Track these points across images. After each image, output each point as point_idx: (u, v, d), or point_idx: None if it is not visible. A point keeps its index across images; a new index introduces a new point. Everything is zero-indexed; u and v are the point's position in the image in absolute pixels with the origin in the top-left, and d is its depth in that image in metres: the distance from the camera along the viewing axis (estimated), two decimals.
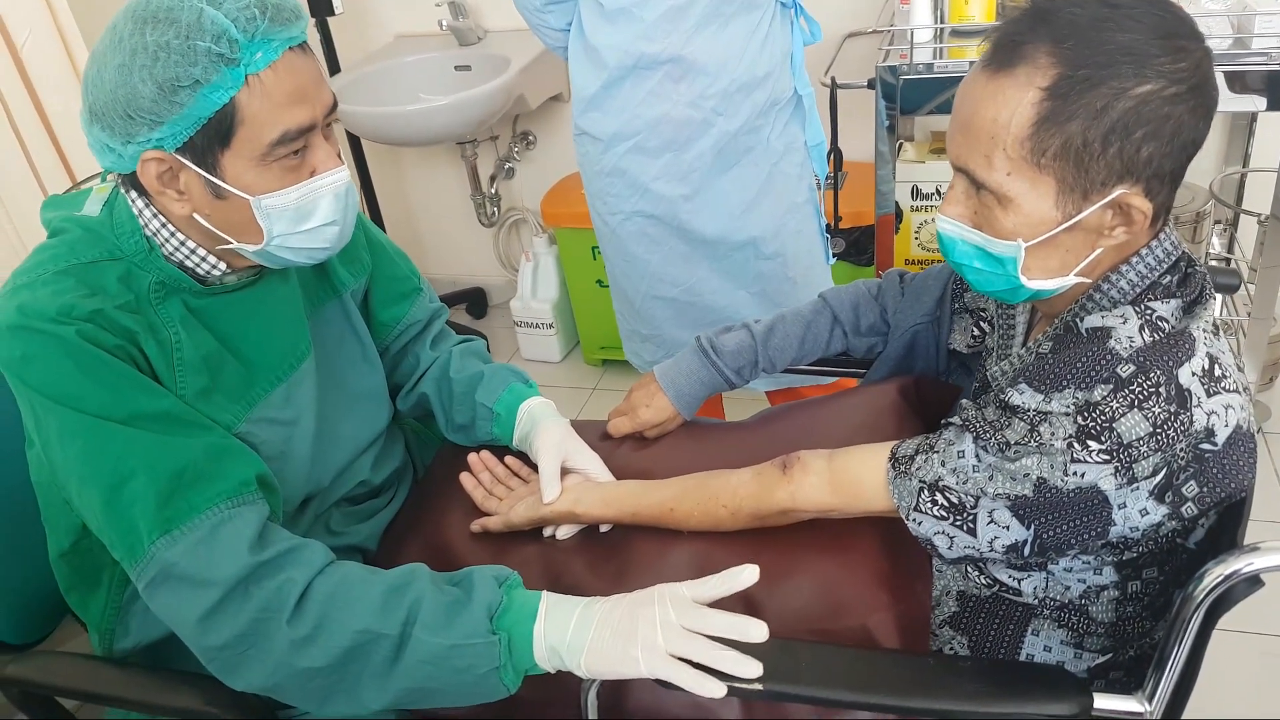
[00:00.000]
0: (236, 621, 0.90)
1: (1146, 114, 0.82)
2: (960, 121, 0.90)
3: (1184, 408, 0.83)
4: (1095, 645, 0.99)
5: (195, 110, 0.89)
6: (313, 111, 0.94)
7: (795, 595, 0.99)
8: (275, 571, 0.92)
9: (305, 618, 0.91)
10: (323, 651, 0.91)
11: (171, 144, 0.91)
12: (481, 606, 0.92)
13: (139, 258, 0.98)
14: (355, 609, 0.92)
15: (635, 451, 1.25)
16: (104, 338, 0.93)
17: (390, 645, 0.91)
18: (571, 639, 0.90)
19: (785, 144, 1.67)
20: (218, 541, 0.91)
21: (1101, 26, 0.82)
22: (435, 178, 2.97)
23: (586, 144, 1.68)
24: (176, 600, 0.91)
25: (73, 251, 0.97)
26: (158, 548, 0.90)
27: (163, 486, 0.91)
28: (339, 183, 0.99)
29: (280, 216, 0.96)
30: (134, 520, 0.90)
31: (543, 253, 2.77)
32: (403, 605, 0.92)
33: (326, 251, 1.03)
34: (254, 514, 0.95)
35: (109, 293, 0.95)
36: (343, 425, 1.17)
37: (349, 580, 0.95)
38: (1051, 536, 0.88)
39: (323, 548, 0.97)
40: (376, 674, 0.92)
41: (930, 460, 0.93)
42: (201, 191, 0.95)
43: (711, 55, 1.55)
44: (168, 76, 0.88)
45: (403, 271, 1.30)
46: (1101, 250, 0.90)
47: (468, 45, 2.61)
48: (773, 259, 1.73)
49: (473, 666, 0.91)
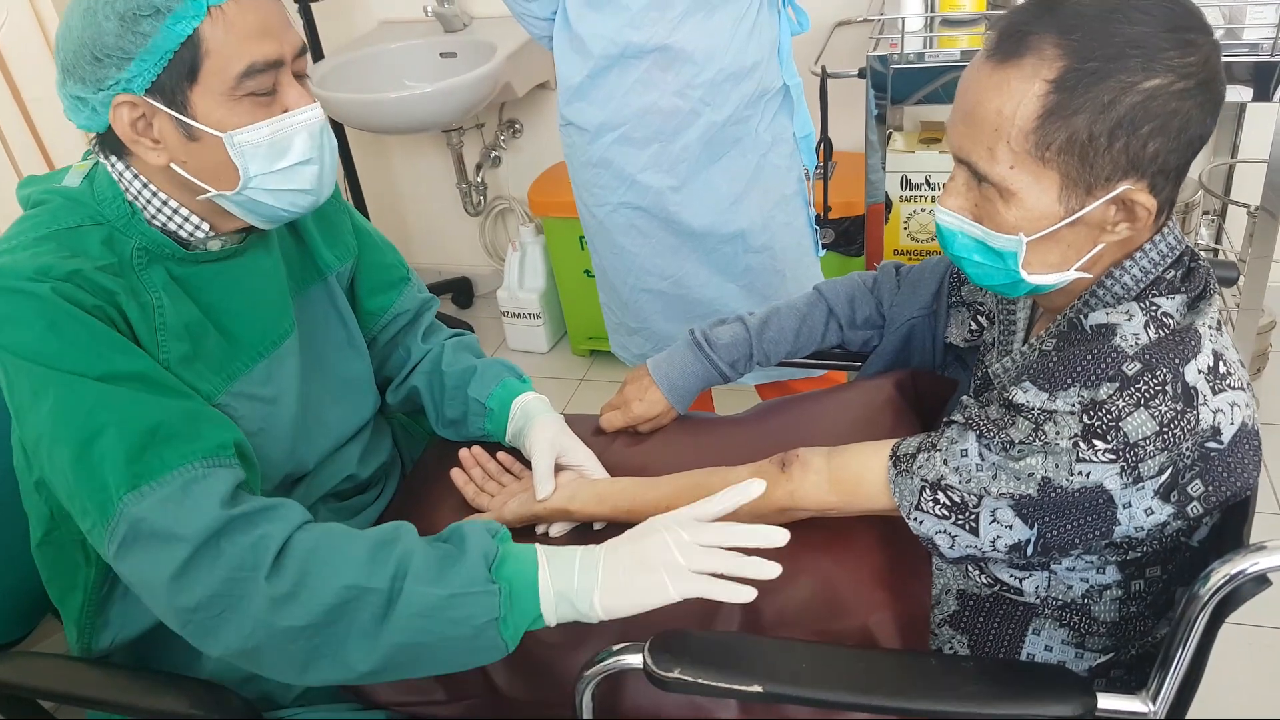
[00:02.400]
0: (210, 579, 0.86)
1: (1154, 109, 0.81)
2: (963, 112, 0.88)
3: (1190, 406, 0.82)
4: (1097, 645, 0.98)
5: (160, 43, 0.89)
6: (279, 47, 0.94)
7: (794, 595, 0.98)
8: (249, 527, 0.88)
9: (285, 574, 0.87)
10: (305, 609, 0.86)
11: (140, 85, 0.91)
12: (477, 555, 0.89)
13: (121, 222, 0.97)
14: (340, 564, 0.88)
15: (629, 447, 1.24)
16: (82, 297, 0.90)
17: (379, 600, 0.87)
18: (580, 582, 0.88)
19: (774, 135, 1.65)
20: (188, 498, 0.87)
21: (1109, 18, 0.81)
22: (420, 166, 2.94)
23: (573, 134, 1.66)
24: (147, 559, 0.87)
25: (54, 218, 0.96)
26: (126, 503, 0.86)
27: (134, 442, 0.87)
28: (313, 120, 0.98)
29: (255, 154, 0.95)
30: (104, 477, 0.87)
31: (529, 242, 2.75)
32: (391, 559, 0.89)
33: (309, 196, 1.00)
34: (228, 475, 0.91)
35: (90, 255, 0.94)
36: (327, 410, 1.15)
37: (331, 536, 0.91)
38: (1055, 536, 0.87)
39: (299, 506, 0.94)
40: (364, 632, 0.87)
41: (932, 459, 0.92)
42: (175, 136, 0.94)
43: (698, 44, 1.53)
44: (129, 8, 0.89)
45: (390, 260, 1.28)
46: (1103, 246, 0.88)
47: (453, 32, 2.58)
48: (761, 251, 1.71)
49: (470, 618, 0.87)
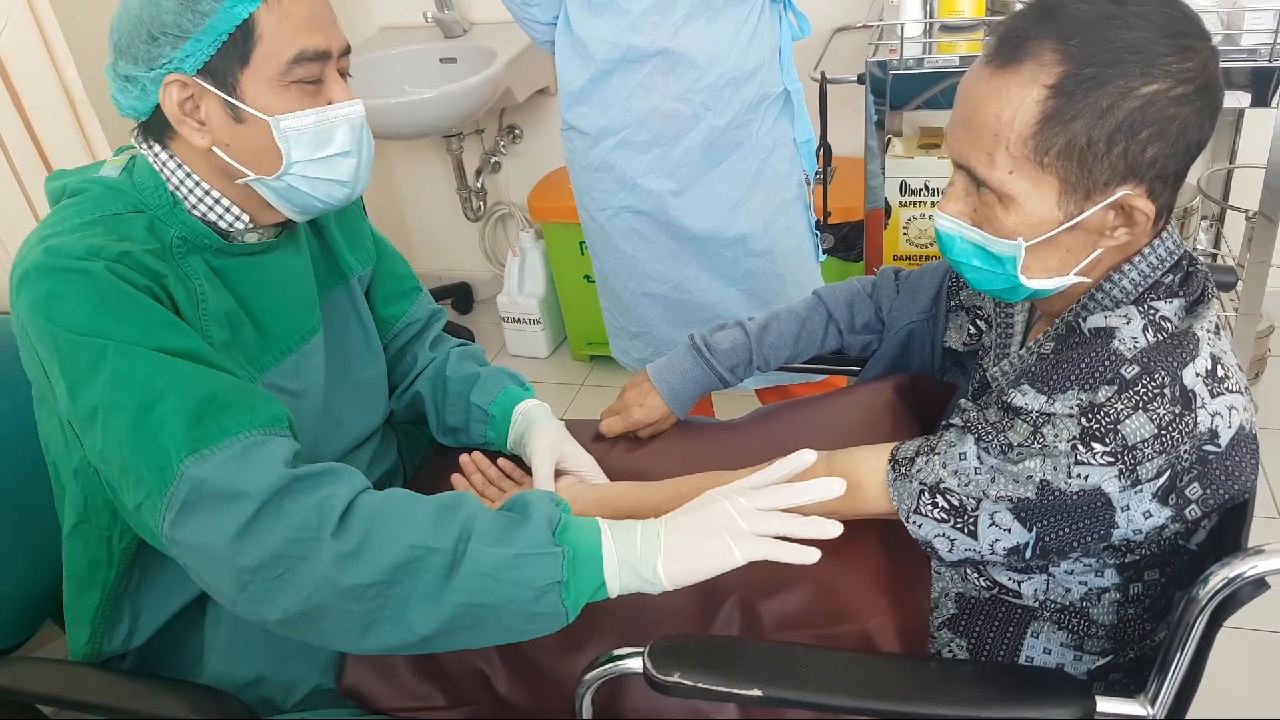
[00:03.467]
0: (273, 538, 0.85)
1: (1152, 114, 0.81)
2: (962, 118, 0.88)
3: (1188, 409, 0.82)
4: (1096, 647, 0.98)
5: (216, 24, 0.92)
6: (328, 40, 0.98)
7: (793, 599, 0.98)
8: (312, 488, 0.88)
9: (351, 531, 0.86)
10: (371, 567, 0.85)
11: (193, 65, 0.93)
12: (541, 519, 0.89)
13: (162, 211, 0.99)
14: (405, 523, 0.88)
15: (629, 452, 1.24)
16: (133, 275, 0.92)
17: (444, 560, 0.86)
18: (643, 549, 0.88)
19: (774, 140, 1.66)
20: (249, 460, 0.87)
21: (1108, 24, 0.81)
22: (420, 171, 2.94)
23: (574, 139, 1.66)
24: (210, 520, 0.85)
25: (97, 205, 0.97)
26: (186, 466, 0.85)
27: (193, 407, 0.87)
28: (355, 114, 1.01)
29: (298, 140, 0.97)
30: (163, 442, 0.86)
31: (529, 248, 2.75)
32: (455, 521, 0.88)
33: (344, 188, 1.03)
34: (286, 443, 0.91)
35: (137, 240, 0.96)
36: (345, 411, 1.16)
37: (395, 498, 0.91)
38: (1054, 539, 0.87)
39: (359, 473, 0.93)
40: (427, 593, 0.86)
41: (931, 462, 0.92)
42: (222, 117, 0.96)
43: (700, 49, 1.53)
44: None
45: (403, 270, 1.31)
46: (1102, 250, 0.89)
47: (453, 38, 2.58)
48: (762, 256, 1.72)
49: (533, 579, 0.86)
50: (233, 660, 1.05)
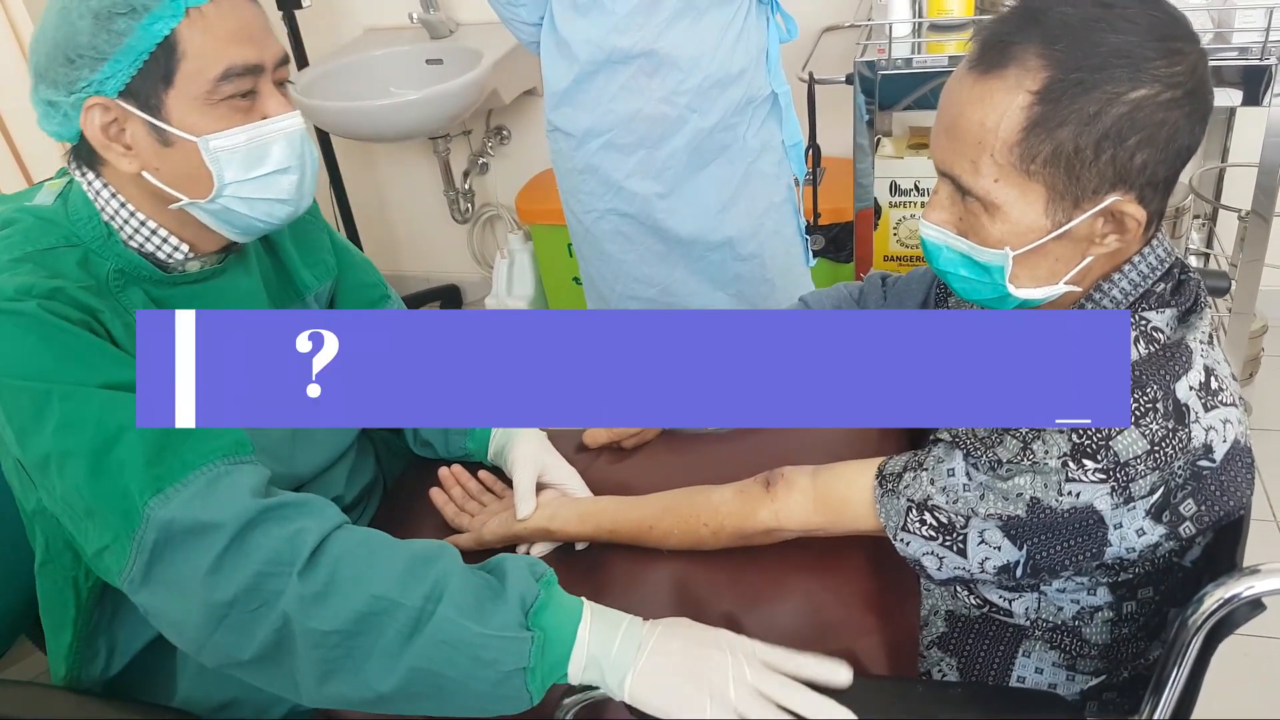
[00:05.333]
0: (244, 572, 0.82)
1: (1141, 120, 0.79)
2: (945, 125, 0.86)
3: (1182, 424, 0.80)
4: (1089, 667, 0.96)
5: (135, 43, 0.87)
6: (260, 52, 0.92)
7: (780, 618, 0.96)
8: (284, 520, 0.85)
9: (318, 572, 0.83)
10: (334, 613, 0.82)
11: (114, 86, 0.89)
12: (515, 597, 0.85)
13: (96, 244, 0.95)
14: (374, 572, 0.84)
15: (613, 464, 1.22)
16: (68, 311, 0.87)
17: (408, 617, 0.83)
18: (617, 655, 0.84)
19: (762, 142, 1.64)
20: (216, 492, 0.84)
21: (1094, 27, 0.79)
22: (407, 173, 2.91)
23: (559, 140, 1.64)
24: (184, 558, 0.83)
25: (27, 239, 0.93)
26: (152, 508, 0.82)
27: (151, 444, 0.84)
28: (291, 127, 0.96)
29: (230, 160, 0.92)
30: (124, 484, 0.83)
31: (518, 250, 2.72)
32: (428, 577, 0.84)
33: (286, 206, 0.98)
34: (253, 470, 0.88)
35: (69, 277, 0.91)
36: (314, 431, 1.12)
37: (370, 541, 0.88)
38: (1045, 557, 0.85)
39: (336, 507, 0.90)
40: (388, 650, 0.83)
41: (919, 478, 0.90)
42: (148, 141, 0.91)
43: (685, 50, 1.51)
44: (103, 6, 0.87)
45: (370, 279, 1.26)
46: (1092, 258, 0.86)
47: (439, 38, 2.55)
48: (750, 259, 1.69)
49: (498, 662, 0.82)
50: (206, 683, 1.02)
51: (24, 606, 1.14)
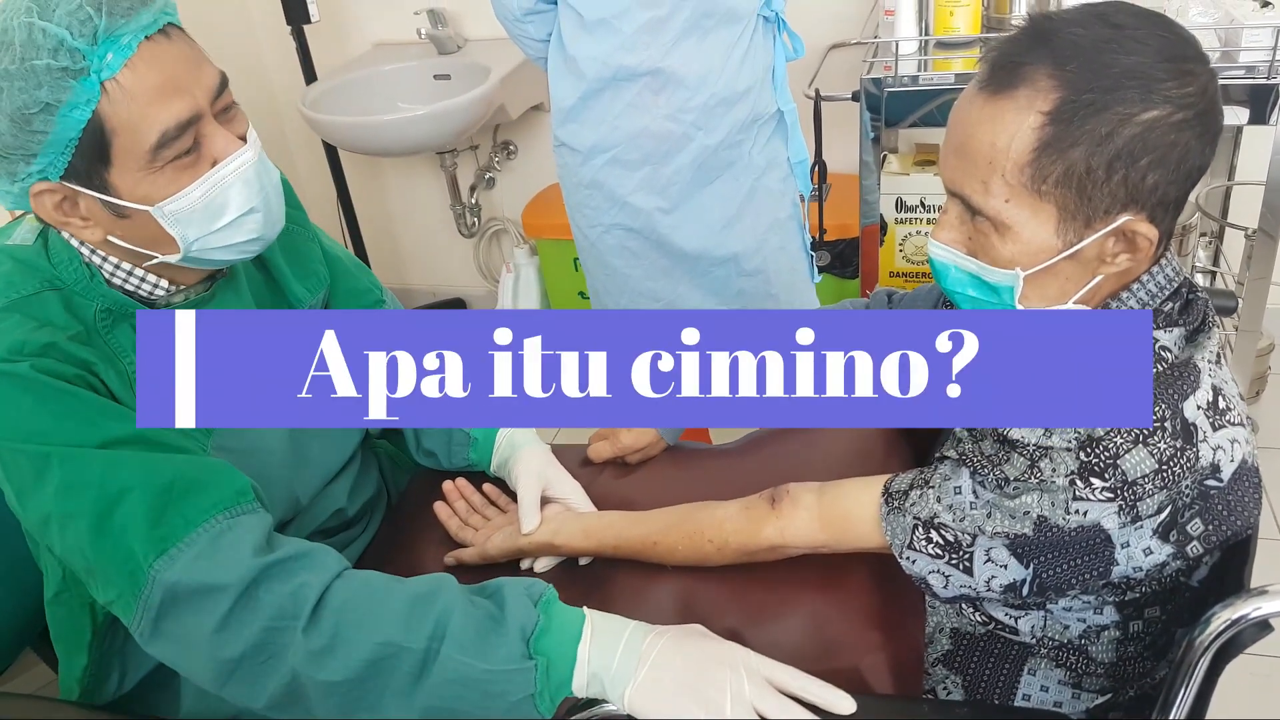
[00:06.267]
0: (250, 630, 0.83)
1: (1153, 141, 0.78)
2: (955, 145, 0.86)
3: (1189, 443, 0.80)
4: (1094, 685, 0.96)
5: (59, 134, 0.83)
6: (193, 101, 0.87)
7: (784, 635, 0.96)
8: (286, 576, 0.86)
9: (322, 627, 0.84)
10: (342, 664, 0.84)
11: (54, 173, 0.86)
12: (515, 629, 0.86)
13: (80, 285, 0.93)
14: (376, 618, 0.85)
15: (617, 479, 1.21)
16: (62, 369, 0.87)
17: (415, 660, 0.84)
18: (618, 669, 0.85)
19: (767, 159, 1.64)
20: (219, 551, 0.85)
21: (1105, 48, 0.79)
22: (415, 188, 2.92)
23: (565, 155, 1.65)
24: (191, 618, 0.84)
25: (10, 286, 0.90)
26: (157, 570, 0.83)
27: (153, 504, 0.84)
28: (244, 165, 0.91)
29: (189, 220, 0.90)
30: (129, 545, 0.83)
31: (524, 264, 2.73)
32: (429, 617, 0.85)
33: (259, 242, 0.96)
34: (255, 522, 0.88)
35: (57, 325, 0.90)
36: (311, 447, 1.12)
37: (369, 587, 0.88)
38: (1051, 576, 0.84)
39: (335, 553, 0.91)
40: (400, 691, 0.84)
41: (925, 496, 0.89)
42: (103, 214, 0.89)
43: (691, 68, 1.52)
44: (16, 106, 0.82)
45: (363, 285, 1.23)
46: (1101, 278, 0.86)
47: (447, 54, 2.56)
48: (754, 275, 1.70)
49: (506, 693, 0.84)
50: (208, 698, 1.02)
51: (29, 621, 1.14)
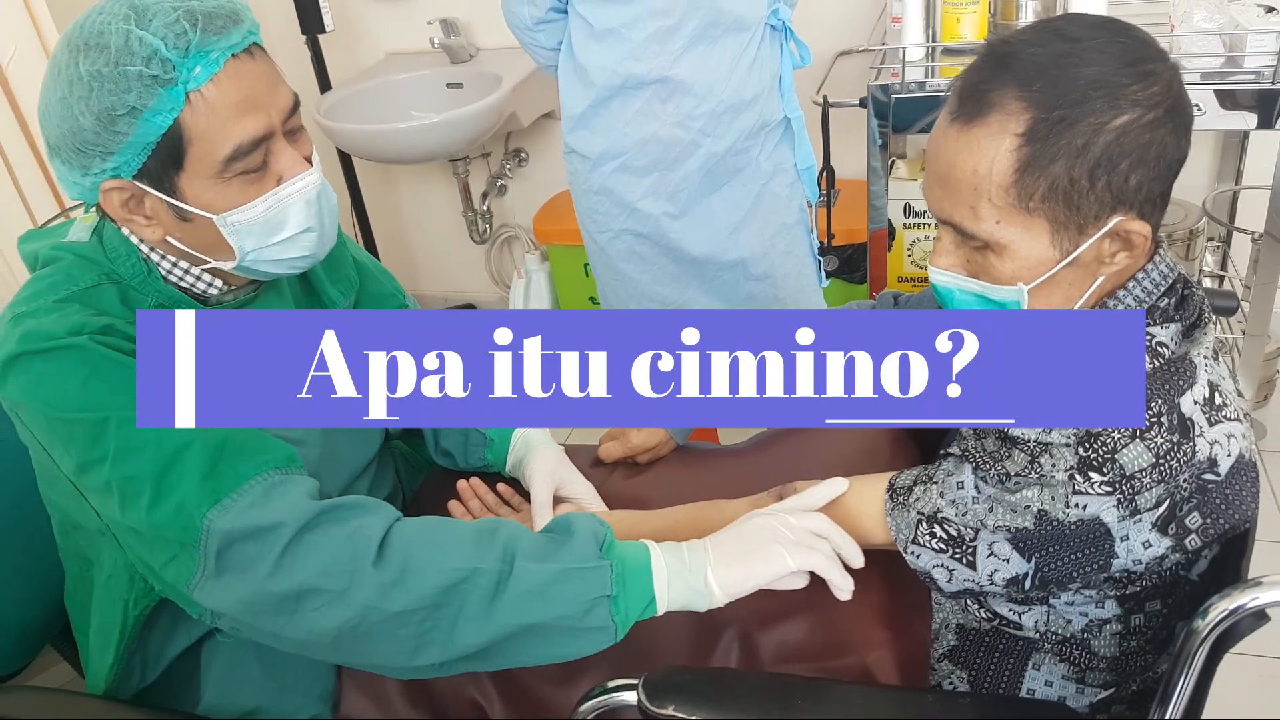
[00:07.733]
0: (306, 568, 0.85)
1: (1129, 144, 0.80)
2: (938, 176, 0.87)
3: (1186, 437, 0.82)
4: (1098, 679, 0.97)
5: (140, 137, 0.87)
6: (268, 119, 0.91)
7: (791, 631, 0.97)
8: (341, 520, 0.88)
9: (391, 560, 0.86)
10: (416, 592, 0.85)
11: (127, 171, 0.89)
12: (587, 534, 0.89)
13: (137, 280, 0.96)
14: (445, 548, 0.87)
15: (628, 479, 1.23)
16: (121, 344, 0.90)
17: (490, 579, 0.86)
18: (691, 561, 0.89)
19: (774, 165, 1.66)
20: (272, 498, 0.87)
21: (1066, 63, 0.80)
22: (427, 195, 2.95)
23: (575, 162, 1.67)
24: (249, 559, 0.85)
25: (70, 278, 0.94)
26: (210, 519, 0.85)
27: (206, 459, 0.87)
28: (308, 187, 0.95)
29: (249, 232, 0.93)
30: (182, 500, 0.85)
31: (535, 270, 2.75)
32: (497, 543, 0.88)
33: (309, 259, 1.00)
34: (305, 481, 0.91)
35: (114, 314, 0.93)
36: (341, 445, 1.15)
37: (431, 525, 0.91)
38: (1053, 569, 0.86)
39: (388, 504, 0.93)
40: (475, 614, 0.86)
41: (929, 491, 0.91)
42: (167, 215, 0.93)
43: (699, 76, 1.54)
44: (104, 106, 0.86)
45: (388, 289, 1.27)
46: (1104, 278, 0.88)
47: (460, 63, 2.60)
48: (762, 280, 1.72)
49: (581, 593, 0.86)
50: (229, 691, 1.04)
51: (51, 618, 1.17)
